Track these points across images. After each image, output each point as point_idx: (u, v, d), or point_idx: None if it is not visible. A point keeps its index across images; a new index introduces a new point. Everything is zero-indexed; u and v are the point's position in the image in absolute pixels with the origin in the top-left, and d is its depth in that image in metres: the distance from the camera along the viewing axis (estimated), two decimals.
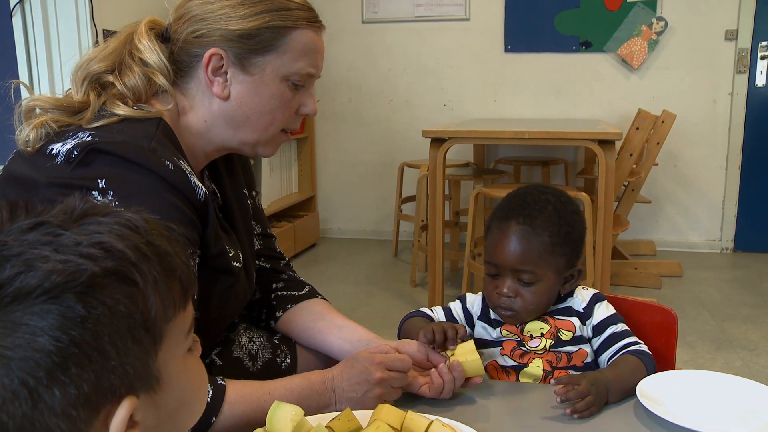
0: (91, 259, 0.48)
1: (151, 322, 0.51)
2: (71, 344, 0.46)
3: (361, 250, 4.38)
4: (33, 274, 0.46)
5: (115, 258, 0.49)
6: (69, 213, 0.52)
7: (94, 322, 0.47)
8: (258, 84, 1.01)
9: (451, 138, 2.84)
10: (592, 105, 4.24)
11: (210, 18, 1.00)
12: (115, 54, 1.01)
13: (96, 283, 0.48)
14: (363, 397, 0.99)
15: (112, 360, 0.48)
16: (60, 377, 0.46)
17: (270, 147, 1.09)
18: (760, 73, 4.03)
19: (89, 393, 0.47)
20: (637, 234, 4.27)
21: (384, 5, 4.41)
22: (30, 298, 0.46)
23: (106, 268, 0.48)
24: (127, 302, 0.49)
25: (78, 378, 0.47)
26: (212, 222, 0.99)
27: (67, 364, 0.46)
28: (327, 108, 4.62)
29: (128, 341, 0.49)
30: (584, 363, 1.13)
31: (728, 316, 3.08)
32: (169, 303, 0.53)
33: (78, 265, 0.47)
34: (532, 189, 1.17)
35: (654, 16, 4.05)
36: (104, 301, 0.48)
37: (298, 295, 1.25)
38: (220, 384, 0.96)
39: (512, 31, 4.26)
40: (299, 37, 1.02)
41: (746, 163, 4.14)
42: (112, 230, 0.51)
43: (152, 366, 0.52)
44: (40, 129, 0.93)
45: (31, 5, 2.73)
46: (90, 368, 0.47)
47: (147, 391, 0.52)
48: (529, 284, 1.10)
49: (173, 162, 0.92)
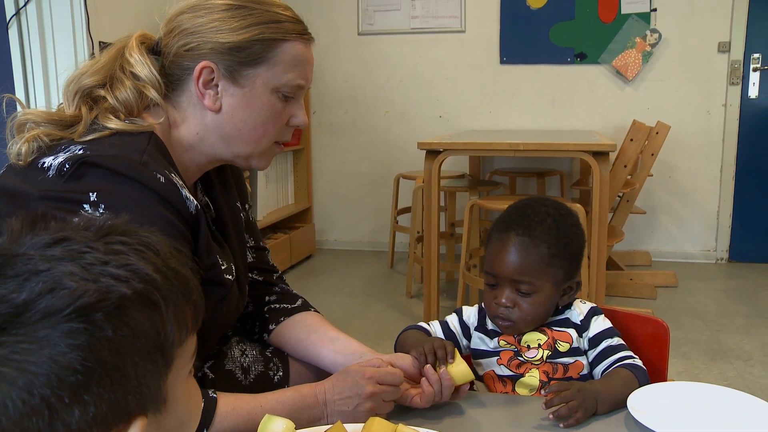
0: (121, 281, 0.49)
1: (167, 346, 0.52)
2: (97, 364, 0.46)
3: (357, 262, 4.38)
4: (64, 293, 0.46)
5: (143, 281, 0.50)
6: (91, 230, 0.52)
7: (119, 343, 0.48)
8: (249, 96, 1.02)
9: (446, 150, 2.85)
10: (587, 116, 4.26)
11: (200, 31, 1.00)
12: (106, 68, 1.01)
13: (124, 305, 0.48)
14: (354, 410, 0.99)
15: (131, 381, 0.49)
16: (83, 396, 0.46)
17: (263, 159, 1.09)
18: (753, 85, 4.05)
19: (106, 412, 0.48)
20: (633, 245, 4.27)
21: (380, 17, 4.43)
22: (59, 315, 0.46)
23: (136, 291, 0.49)
24: (149, 325, 0.50)
25: (98, 397, 0.47)
26: (204, 234, 0.99)
27: (90, 383, 0.46)
28: (323, 119, 4.63)
29: (147, 363, 0.50)
30: (580, 375, 1.13)
31: (723, 326, 3.08)
32: (183, 327, 0.54)
33: (109, 286, 0.48)
34: (532, 201, 1.18)
35: (648, 29, 4.08)
36: (129, 323, 0.49)
37: (291, 308, 1.25)
38: (212, 397, 0.95)
39: (507, 42, 4.28)
40: (289, 49, 1.03)
41: (740, 174, 4.15)
42: (135, 251, 0.52)
43: (162, 388, 0.53)
44: (32, 142, 0.93)
45: (27, 17, 2.74)
46: (111, 388, 0.48)
47: (154, 412, 0.53)
48: (527, 295, 1.11)
49: (164, 175, 0.92)
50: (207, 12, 1.01)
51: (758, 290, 3.66)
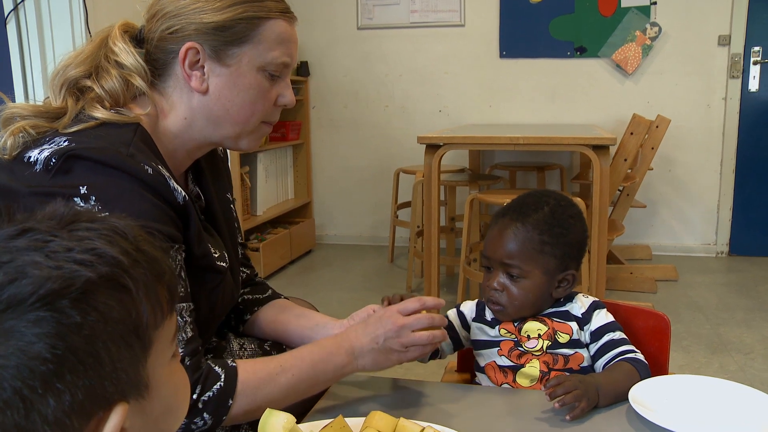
0: (86, 266, 0.48)
1: (142, 329, 0.51)
2: (67, 351, 0.46)
3: (357, 256, 4.38)
4: (27, 282, 0.45)
5: (108, 264, 0.49)
6: (56, 219, 0.51)
7: (89, 328, 0.47)
8: (235, 75, 1.02)
9: (446, 144, 2.84)
10: (587, 110, 4.25)
11: (183, 13, 1.00)
12: (90, 58, 1.01)
13: (91, 289, 0.48)
14: (384, 347, 1.01)
15: (105, 366, 0.48)
16: (55, 385, 0.46)
17: (253, 139, 1.09)
18: (753, 78, 4.05)
19: (83, 400, 0.47)
20: (633, 238, 4.27)
21: (379, 12, 4.42)
22: (24, 305, 0.45)
23: (101, 274, 0.48)
24: (119, 308, 0.49)
25: (73, 385, 0.46)
26: (194, 224, 0.99)
27: (62, 371, 0.46)
28: (323, 114, 4.63)
29: (121, 347, 0.49)
30: (581, 366, 1.14)
31: (723, 320, 3.08)
32: (157, 309, 0.53)
33: (73, 272, 0.47)
34: (535, 192, 1.22)
35: (648, 22, 4.07)
36: (98, 308, 0.48)
37: (263, 298, 1.28)
38: (232, 366, 0.98)
39: (507, 36, 4.27)
40: (273, 27, 1.02)
41: (740, 167, 4.15)
42: (102, 236, 0.51)
43: (142, 372, 0.52)
44: (18, 136, 0.93)
45: (25, 12, 2.74)
46: (85, 375, 0.47)
47: (136, 398, 0.52)
48: (516, 280, 1.14)
49: (152, 167, 0.92)
50: None
51: (758, 283, 3.66)
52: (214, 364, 0.96)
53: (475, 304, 1.24)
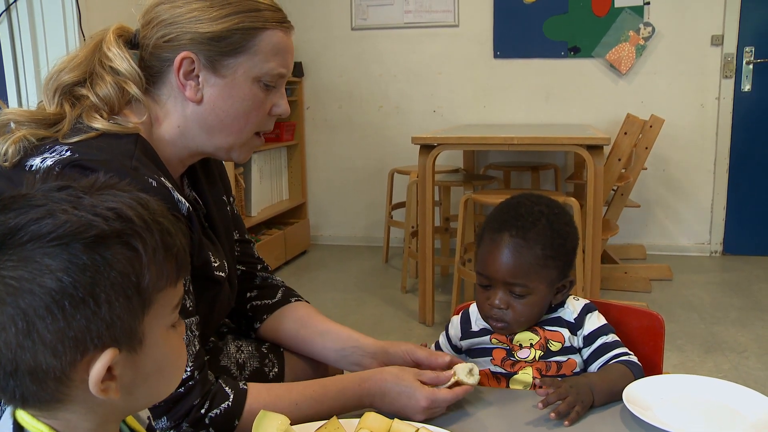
0: (103, 218, 0.55)
1: (143, 287, 0.57)
2: (70, 286, 0.53)
3: (352, 257, 4.37)
4: (50, 221, 0.54)
5: (123, 222, 0.56)
6: (93, 184, 0.60)
7: (93, 271, 0.54)
8: (230, 86, 1.01)
9: (440, 144, 2.84)
10: (581, 110, 4.26)
11: (179, 21, 0.98)
12: (84, 63, 1.00)
13: (102, 239, 0.55)
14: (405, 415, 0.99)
15: (102, 309, 0.54)
16: (55, 312, 0.53)
17: (244, 151, 1.08)
18: (746, 78, 4.06)
19: (77, 333, 0.54)
20: (627, 238, 4.28)
21: (373, 12, 4.42)
22: (44, 239, 0.53)
23: (114, 229, 0.55)
24: (125, 263, 0.56)
25: (71, 317, 0.53)
26: (195, 234, 0.98)
27: (63, 302, 0.53)
28: (317, 115, 4.62)
29: (120, 297, 0.55)
30: (573, 372, 1.13)
31: (718, 319, 3.09)
32: (162, 275, 0.59)
33: (90, 221, 0.55)
34: (524, 199, 1.15)
35: (641, 22, 4.08)
36: (106, 257, 0.55)
37: (272, 304, 1.26)
38: (242, 389, 0.97)
39: (501, 37, 4.28)
40: (269, 37, 1.01)
41: (734, 167, 4.16)
42: (125, 201, 0.58)
43: (137, 327, 0.58)
44: (19, 143, 0.91)
45: (18, 13, 2.72)
46: (82, 311, 0.54)
47: (129, 350, 0.58)
48: (521, 297, 1.10)
49: (155, 179, 0.92)
50: (185, 2, 0.99)
51: (752, 283, 3.67)
52: (225, 384, 0.97)
53: (460, 321, 1.22)
